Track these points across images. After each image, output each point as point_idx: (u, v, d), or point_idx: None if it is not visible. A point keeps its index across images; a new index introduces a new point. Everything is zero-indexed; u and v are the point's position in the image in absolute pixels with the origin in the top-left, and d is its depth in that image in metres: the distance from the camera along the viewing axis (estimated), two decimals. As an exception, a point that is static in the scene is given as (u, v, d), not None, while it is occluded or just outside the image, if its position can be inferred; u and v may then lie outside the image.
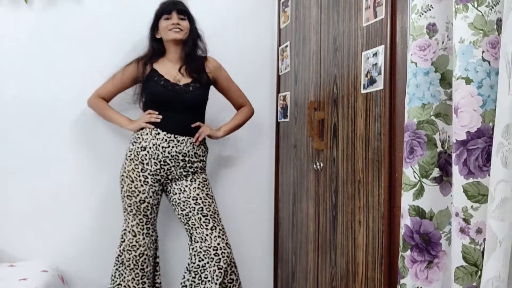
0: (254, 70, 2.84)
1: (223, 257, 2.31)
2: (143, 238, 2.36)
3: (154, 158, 2.34)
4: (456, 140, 1.19)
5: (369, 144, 1.72)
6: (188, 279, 2.37)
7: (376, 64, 1.68)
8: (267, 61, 2.85)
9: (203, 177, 2.44)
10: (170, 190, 2.42)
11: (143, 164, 2.35)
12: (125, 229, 2.37)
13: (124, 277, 2.35)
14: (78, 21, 2.60)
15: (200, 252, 2.34)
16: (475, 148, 1.17)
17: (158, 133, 2.35)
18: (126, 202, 2.36)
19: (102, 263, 2.59)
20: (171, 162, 2.36)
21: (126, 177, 2.35)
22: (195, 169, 2.41)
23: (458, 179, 1.19)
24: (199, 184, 2.40)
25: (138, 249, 2.35)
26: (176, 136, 2.36)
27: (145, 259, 2.37)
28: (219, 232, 2.36)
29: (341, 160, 1.93)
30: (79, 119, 2.60)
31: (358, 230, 1.79)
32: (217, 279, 2.30)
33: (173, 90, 2.37)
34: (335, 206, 1.98)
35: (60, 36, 2.58)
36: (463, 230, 1.19)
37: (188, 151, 2.38)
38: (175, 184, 2.40)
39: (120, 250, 2.37)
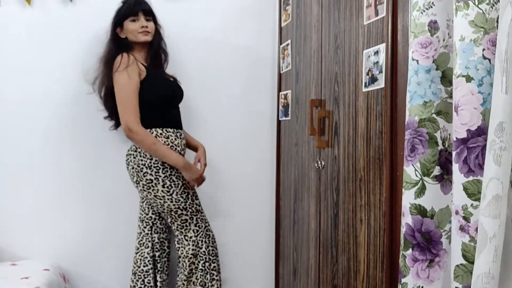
0: (255, 69, 2.84)
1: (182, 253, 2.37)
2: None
3: None
4: (456, 138, 1.19)
5: (371, 142, 1.72)
6: None
7: (377, 62, 1.68)
8: (268, 60, 2.85)
9: None
10: None
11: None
12: None
13: None
14: (79, 22, 2.60)
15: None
16: (475, 146, 1.16)
17: (180, 133, 2.37)
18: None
19: (104, 262, 2.60)
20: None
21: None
22: None
23: (458, 177, 1.19)
24: None
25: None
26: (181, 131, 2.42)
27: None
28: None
29: (342, 158, 1.93)
30: (81, 118, 2.59)
31: (359, 228, 1.79)
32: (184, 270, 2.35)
33: (177, 86, 2.42)
34: (337, 204, 1.98)
35: (61, 36, 2.58)
36: (463, 228, 1.19)
37: (185, 142, 2.44)
38: None
39: None
